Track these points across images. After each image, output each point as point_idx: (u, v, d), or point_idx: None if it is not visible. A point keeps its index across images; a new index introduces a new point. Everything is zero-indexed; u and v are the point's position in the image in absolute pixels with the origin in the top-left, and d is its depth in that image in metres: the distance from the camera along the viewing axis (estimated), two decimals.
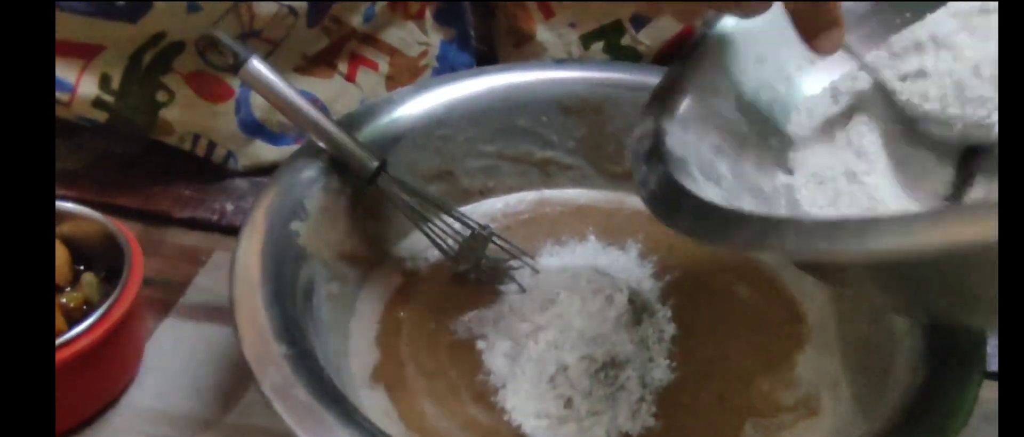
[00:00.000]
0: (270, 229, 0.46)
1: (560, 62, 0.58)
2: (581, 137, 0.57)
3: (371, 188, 0.50)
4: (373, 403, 0.45)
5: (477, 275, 0.51)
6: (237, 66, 0.48)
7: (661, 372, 0.47)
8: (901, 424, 0.38)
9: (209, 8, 0.54)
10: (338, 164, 0.50)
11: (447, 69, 0.67)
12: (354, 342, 0.48)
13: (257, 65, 0.48)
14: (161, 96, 0.58)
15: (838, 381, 0.47)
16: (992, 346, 0.51)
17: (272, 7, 0.56)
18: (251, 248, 0.44)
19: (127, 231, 0.48)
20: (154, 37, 0.55)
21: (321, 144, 0.49)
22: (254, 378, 0.39)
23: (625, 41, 0.66)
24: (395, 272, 0.53)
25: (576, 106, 0.56)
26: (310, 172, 0.49)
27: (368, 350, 0.48)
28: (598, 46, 0.66)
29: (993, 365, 0.52)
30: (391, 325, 0.50)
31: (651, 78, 0.56)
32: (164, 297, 0.53)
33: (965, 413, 0.38)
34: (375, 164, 0.49)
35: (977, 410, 0.39)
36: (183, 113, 0.58)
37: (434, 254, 0.53)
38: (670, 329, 0.49)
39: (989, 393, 0.51)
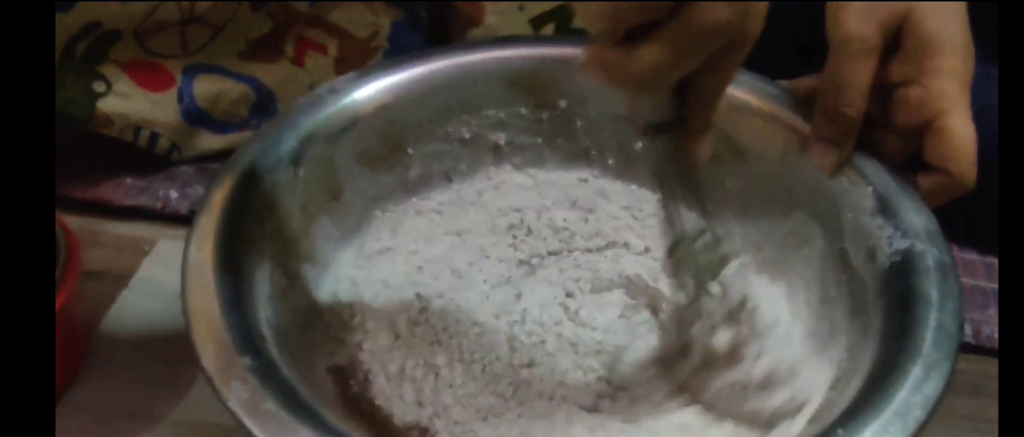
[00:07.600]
0: (226, 225, 0.42)
1: (509, 39, 0.57)
2: (533, 116, 0.56)
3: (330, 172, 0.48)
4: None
5: None
6: None
7: None
8: (875, 402, 0.37)
9: None
10: (302, 144, 0.47)
11: (399, 50, 0.65)
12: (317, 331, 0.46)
13: None
14: (98, 87, 0.56)
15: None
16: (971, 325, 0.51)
17: None
18: (205, 248, 0.41)
19: (64, 223, 0.46)
20: (87, 26, 0.53)
21: None
22: (218, 393, 0.36)
23: (576, 22, 0.65)
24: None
25: (527, 83, 0.55)
26: (272, 158, 0.46)
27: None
28: (548, 29, 0.65)
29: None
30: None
31: None
32: (107, 290, 0.52)
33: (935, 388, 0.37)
34: None
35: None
36: (122, 104, 0.56)
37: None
38: None
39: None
